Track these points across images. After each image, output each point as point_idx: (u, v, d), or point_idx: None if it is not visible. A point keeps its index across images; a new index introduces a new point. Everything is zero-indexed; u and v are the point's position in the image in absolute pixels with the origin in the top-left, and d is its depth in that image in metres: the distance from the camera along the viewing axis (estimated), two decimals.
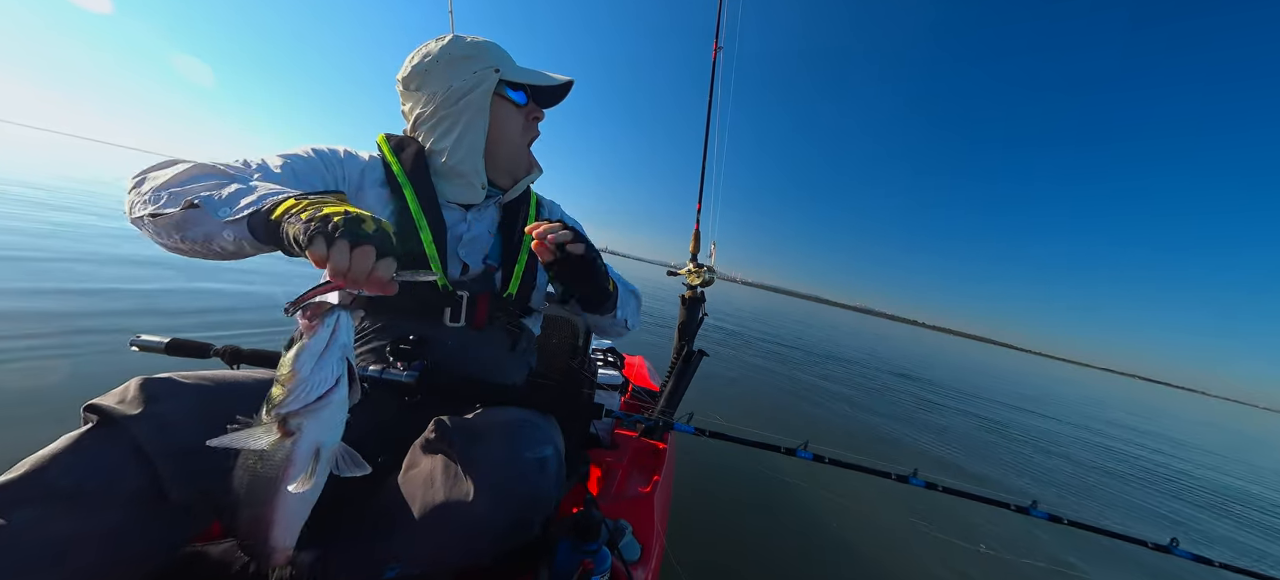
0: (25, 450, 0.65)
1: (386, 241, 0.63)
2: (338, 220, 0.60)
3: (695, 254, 2.12)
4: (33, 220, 5.69)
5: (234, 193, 0.69)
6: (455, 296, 1.00)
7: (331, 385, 0.59)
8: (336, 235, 0.59)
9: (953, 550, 2.34)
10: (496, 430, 0.81)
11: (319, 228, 0.60)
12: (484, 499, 0.73)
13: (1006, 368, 25.10)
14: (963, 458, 4.39)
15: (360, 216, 0.62)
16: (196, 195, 0.69)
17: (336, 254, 0.59)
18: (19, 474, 0.62)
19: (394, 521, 0.76)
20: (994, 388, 11.74)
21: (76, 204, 7.91)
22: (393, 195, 0.99)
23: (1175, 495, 4.78)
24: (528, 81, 1.07)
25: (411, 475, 0.79)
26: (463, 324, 1.01)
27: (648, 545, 1.10)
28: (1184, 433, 11.84)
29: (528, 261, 1.10)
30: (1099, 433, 8.10)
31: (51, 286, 3.46)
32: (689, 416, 1.13)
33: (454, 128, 1.02)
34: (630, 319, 1.22)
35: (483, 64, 1.02)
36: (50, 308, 3.04)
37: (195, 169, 0.74)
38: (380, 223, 0.64)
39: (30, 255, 4.19)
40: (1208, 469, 6.92)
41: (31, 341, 2.50)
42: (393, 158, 1.02)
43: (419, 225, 0.97)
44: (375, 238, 0.61)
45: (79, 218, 6.59)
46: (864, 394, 6.40)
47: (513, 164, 1.12)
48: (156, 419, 0.68)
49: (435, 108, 1.02)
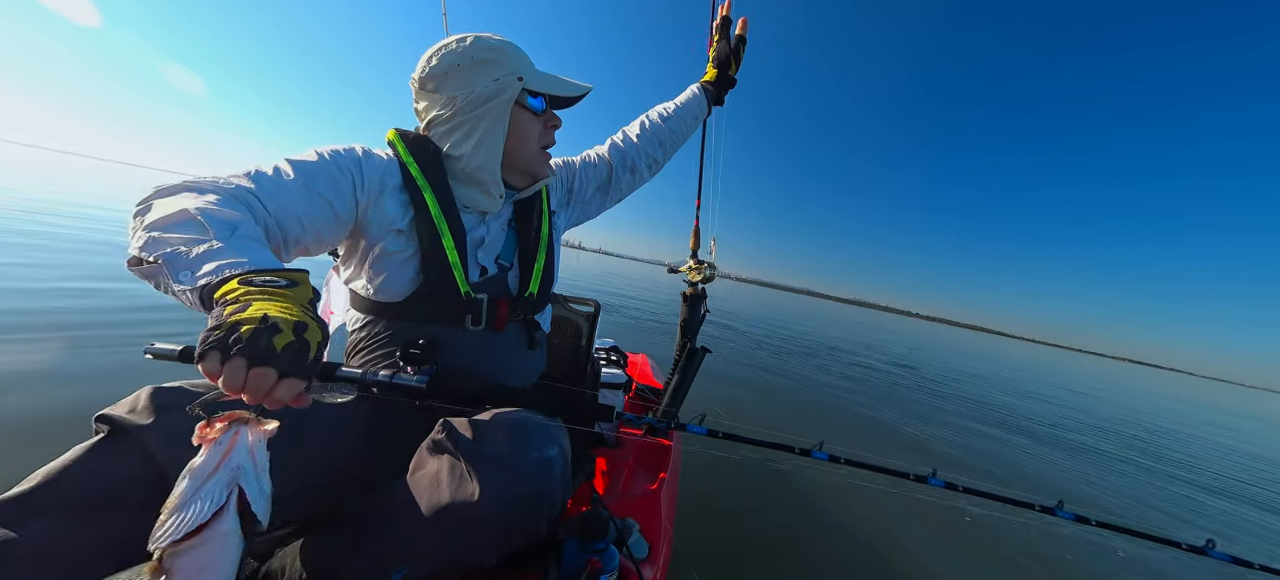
0: (44, 458, 0.66)
1: (296, 360, 0.56)
2: (244, 332, 0.53)
3: (695, 250, 2.12)
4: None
5: (201, 254, 0.64)
6: (475, 301, 0.99)
7: (208, 518, 0.49)
8: (233, 352, 0.52)
9: (971, 548, 2.34)
10: (502, 431, 0.81)
11: (217, 341, 0.53)
12: (489, 499, 0.73)
13: (1033, 360, 25.01)
14: (981, 452, 4.34)
15: (275, 326, 0.55)
16: (164, 250, 0.64)
17: (229, 373, 0.53)
18: (32, 485, 0.62)
19: (400, 523, 0.76)
20: (1022, 380, 11.73)
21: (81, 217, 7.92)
22: (412, 200, 0.97)
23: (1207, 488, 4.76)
24: (548, 90, 1.05)
25: (418, 477, 0.79)
26: (483, 327, 1.01)
27: (655, 543, 1.10)
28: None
29: (546, 259, 1.11)
30: (1089, 412, 8.10)
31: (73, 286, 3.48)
32: (700, 417, 1.13)
33: (473, 133, 1.00)
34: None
35: (506, 70, 1.00)
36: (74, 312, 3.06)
37: (180, 214, 0.68)
38: (301, 333, 0.57)
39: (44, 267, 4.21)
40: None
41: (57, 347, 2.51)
42: (411, 160, 0.99)
43: (441, 230, 0.96)
44: (281, 357, 0.54)
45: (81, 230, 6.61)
46: (869, 387, 6.40)
47: (528, 167, 1.11)
48: (167, 428, 0.68)
49: (454, 111, 0.99)
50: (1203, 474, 5.18)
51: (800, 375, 6.23)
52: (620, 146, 1.38)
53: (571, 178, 1.33)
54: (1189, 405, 15.88)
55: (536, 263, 1.09)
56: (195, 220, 0.68)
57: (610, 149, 1.38)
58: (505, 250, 1.08)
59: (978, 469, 3.80)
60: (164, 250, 0.64)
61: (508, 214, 1.10)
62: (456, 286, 0.96)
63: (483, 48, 0.99)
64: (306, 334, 0.57)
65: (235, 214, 0.72)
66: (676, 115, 1.45)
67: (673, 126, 1.43)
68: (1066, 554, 2.48)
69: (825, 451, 1.15)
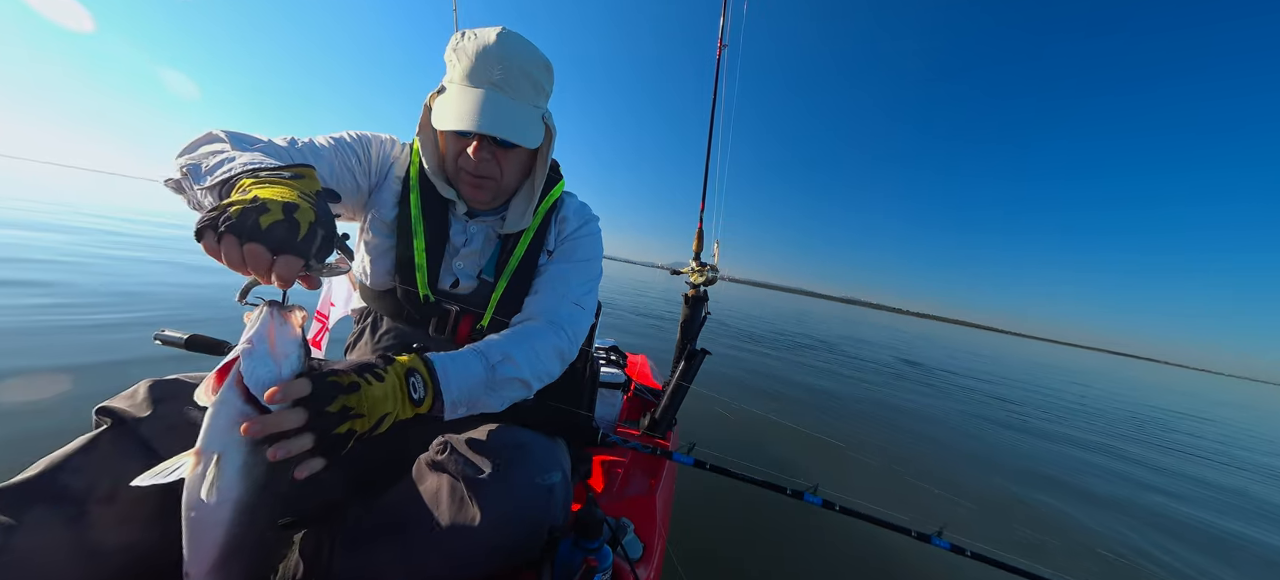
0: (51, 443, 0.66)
1: (285, 238, 0.57)
2: (233, 211, 0.56)
3: (698, 252, 2.12)
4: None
5: (220, 161, 0.70)
6: (441, 308, 0.98)
7: (233, 372, 0.55)
8: (223, 229, 0.55)
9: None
10: (503, 454, 0.80)
11: (211, 220, 0.56)
12: (491, 525, 0.73)
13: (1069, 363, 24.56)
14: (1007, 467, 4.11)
15: (264, 206, 0.57)
16: (190, 163, 0.73)
17: (226, 248, 0.56)
18: (33, 474, 0.63)
19: (398, 540, 0.76)
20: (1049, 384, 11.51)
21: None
22: (402, 196, 0.98)
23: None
24: (444, 114, 0.91)
25: (416, 494, 0.79)
26: (446, 337, 0.99)
27: (650, 543, 1.10)
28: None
29: (507, 286, 0.99)
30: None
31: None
32: (689, 446, 1.10)
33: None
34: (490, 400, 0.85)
35: (447, 71, 0.93)
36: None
37: (207, 137, 0.77)
38: (293, 213, 0.58)
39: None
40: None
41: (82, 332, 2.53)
42: (416, 160, 0.99)
43: (415, 230, 0.96)
44: (269, 234, 0.56)
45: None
46: (875, 390, 6.37)
47: (452, 178, 1.00)
48: (165, 420, 0.69)
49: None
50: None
51: (805, 380, 6.21)
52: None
53: (555, 245, 1.09)
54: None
55: (495, 290, 1.00)
56: (218, 138, 0.77)
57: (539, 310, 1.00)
58: (488, 266, 1.02)
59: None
60: (190, 163, 0.73)
61: (497, 224, 1.04)
62: (417, 288, 0.96)
63: (451, 45, 0.92)
64: (297, 214, 0.59)
65: (258, 138, 0.81)
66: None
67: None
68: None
69: (819, 496, 1.11)
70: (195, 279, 5.18)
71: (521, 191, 1.02)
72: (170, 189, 0.77)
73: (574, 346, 0.98)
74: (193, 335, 1.07)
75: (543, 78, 0.93)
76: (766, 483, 1.08)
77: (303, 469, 0.57)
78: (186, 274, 5.39)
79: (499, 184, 0.95)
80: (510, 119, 0.87)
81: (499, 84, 0.87)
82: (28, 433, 1.80)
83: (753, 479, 1.08)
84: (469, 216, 1.03)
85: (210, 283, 5.05)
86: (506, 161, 0.93)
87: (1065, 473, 4.12)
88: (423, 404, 0.72)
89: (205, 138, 0.77)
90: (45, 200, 11.81)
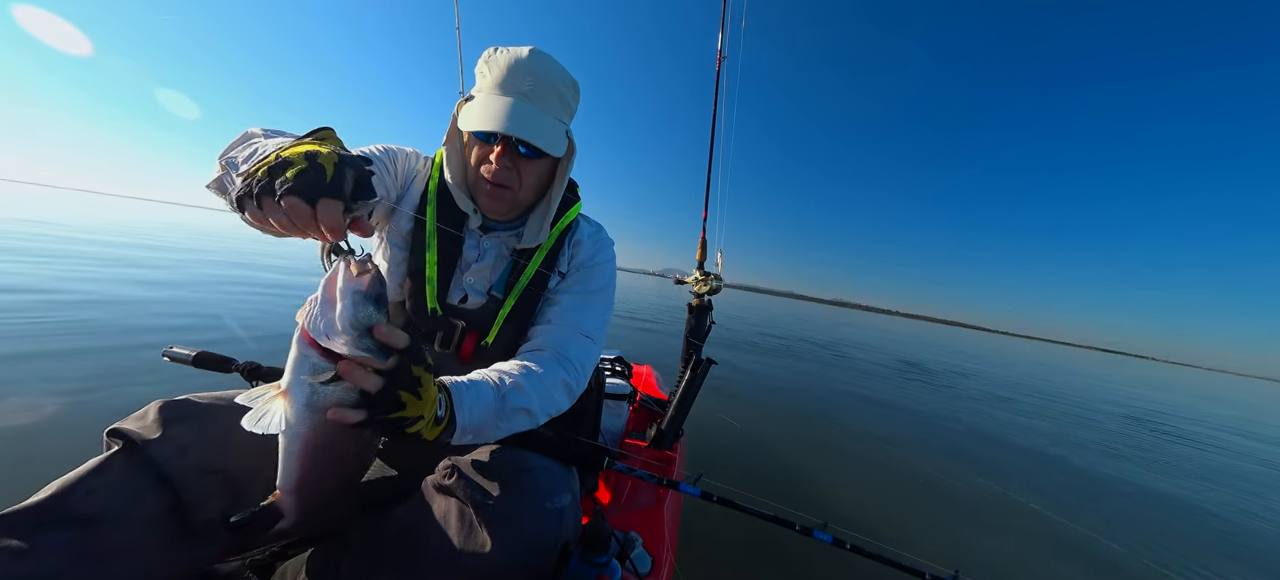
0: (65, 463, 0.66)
1: (316, 181, 0.57)
2: (259, 174, 0.58)
3: (701, 262, 2.13)
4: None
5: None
6: (447, 323, 0.98)
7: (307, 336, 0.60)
8: (259, 193, 0.58)
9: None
10: (512, 479, 0.79)
11: (245, 190, 0.59)
12: (500, 551, 0.72)
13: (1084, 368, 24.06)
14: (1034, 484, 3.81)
15: (288, 161, 0.58)
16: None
17: (268, 211, 0.58)
18: (45, 497, 0.63)
19: (407, 561, 0.75)
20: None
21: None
22: (420, 209, 0.98)
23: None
24: (472, 115, 0.97)
25: (424, 517, 0.77)
26: (450, 353, 0.99)
27: (658, 557, 1.10)
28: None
29: (515, 306, 0.99)
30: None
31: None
32: (696, 478, 1.08)
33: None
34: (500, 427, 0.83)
35: (476, 82, 0.97)
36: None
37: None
38: (315, 159, 0.58)
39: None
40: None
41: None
42: (436, 174, 1.00)
43: (429, 245, 0.97)
44: (298, 184, 0.56)
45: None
46: (882, 394, 6.33)
47: (472, 188, 1.00)
48: (176, 441, 0.70)
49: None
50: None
51: (814, 389, 6.17)
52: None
53: (568, 268, 1.07)
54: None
55: (503, 309, 0.99)
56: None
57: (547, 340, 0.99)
58: (499, 283, 1.02)
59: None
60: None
61: (511, 241, 1.03)
62: (425, 301, 0.96)
63: (483, 58, 0.96)
64: (320, 160, 0.59)
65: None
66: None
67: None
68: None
69: (829, 534, 1.07)
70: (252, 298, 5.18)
71: (538, 207, 1.02)
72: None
73: (582, 380, 0.97)
74: (200, 352, 1.08)
75: (569, 96, 0.96)
76: (775, 518, 1.06)
77: (350, 415, 0.61)
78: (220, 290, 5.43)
79: (516, 194, 0.96)
80: (536, 125, 0.89)
81: (528, 94, 0.89)
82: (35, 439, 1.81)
83: (761, 513, 1.06)
84: (484, 231, 1.03)
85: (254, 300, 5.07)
86: (526, 172, 0.94)
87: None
88: (441, 423, 0.71)
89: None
90: (70, 224, 11.93)
